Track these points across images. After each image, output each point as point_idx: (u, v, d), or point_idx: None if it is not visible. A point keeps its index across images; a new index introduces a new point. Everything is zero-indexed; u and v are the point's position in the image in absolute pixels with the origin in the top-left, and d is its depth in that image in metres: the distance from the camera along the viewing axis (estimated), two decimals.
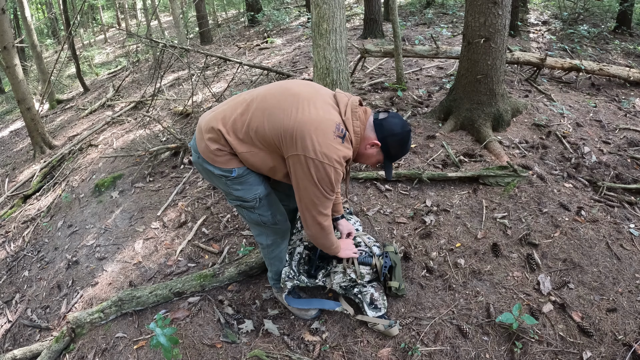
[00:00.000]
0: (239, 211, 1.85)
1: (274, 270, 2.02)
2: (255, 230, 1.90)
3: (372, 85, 4.72)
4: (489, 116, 3.41)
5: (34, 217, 4.12)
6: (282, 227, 1.90)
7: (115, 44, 15.82)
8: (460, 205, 2.64)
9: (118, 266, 2.81)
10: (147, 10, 14.42)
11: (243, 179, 1.66)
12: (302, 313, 2.06)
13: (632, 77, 4.59)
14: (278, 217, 1.85)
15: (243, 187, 1.69)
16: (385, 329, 1.90)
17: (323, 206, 1.57)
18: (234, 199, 1.74)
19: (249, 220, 1.85)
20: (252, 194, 1.71)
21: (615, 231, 2.38)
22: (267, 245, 1.92)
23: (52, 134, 6.50)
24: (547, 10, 8.99)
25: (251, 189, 1.71)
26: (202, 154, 1.63)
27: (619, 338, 1.81)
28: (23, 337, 2.59)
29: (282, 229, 1.91)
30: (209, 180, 1.78)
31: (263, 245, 1.94)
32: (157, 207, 3.32)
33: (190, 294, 2.30)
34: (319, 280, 2.01)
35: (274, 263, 1.99)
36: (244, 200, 1.72)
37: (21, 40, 10.92)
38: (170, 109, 5.62)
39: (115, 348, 2.10)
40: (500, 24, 3.19)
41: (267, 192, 1.77)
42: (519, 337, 1.83)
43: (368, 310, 1.96)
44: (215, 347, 2.00)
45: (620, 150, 3.27)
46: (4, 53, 5.39)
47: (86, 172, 4.58)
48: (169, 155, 4.13)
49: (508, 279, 2.12)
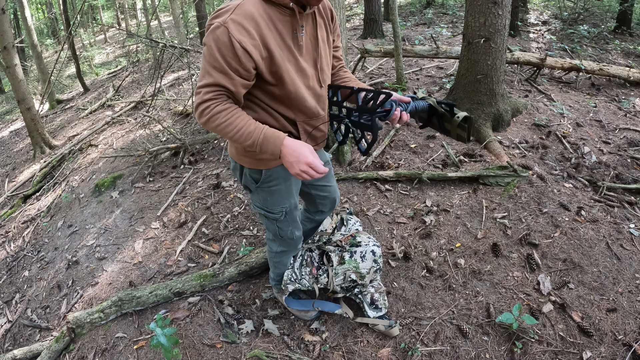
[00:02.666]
0: (260, 218, 1.82)
1: (276, 272, 2.01)
2: (269, 235, 1.88)
3: (372, 85, 4.72)
4: (489, 116, 3.41)
5: (34, 217, 4.12)
6: (296, 242, 1.86)
7: (115, 44, 15.82)
8: (460, 205, 2.64)
9: (118, 266, 2.80)
10: (147, 10, 14.42)
11: (272, 184, 1.56)
12: (301, 314, 2.06)
13: (632, 77, 4.59)
14: (296, 234, 1.81)
15: (272, 196, 1.60)
16: (385, 330, 1.90)
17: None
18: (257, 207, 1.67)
19: (267, 228, 1.81)
20: (280, 206, 1.64)
21: (615, 231, 2.38)
22: (275, 251, 1.91)
23: (52, 134, 6.50)
24: (547, 10, 8.99)
25: (280, 200, 1.62)
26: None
27: (619, 338, 1.81)
28: (23, 337, 2.59)
29: (295, 243, 1.88)
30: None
31: (271, 250, 1.92)
32: (157, 207, 3.32)
33: (190, 294, 2.30)
34: (320, 284, 2.01)
35: (277, 266, 1.98)
36: (269, 211, 1.65)
37: (21, 40, 10.92)
38: (170, 109, 5.62)
39: (115, 348, 2.10)
40: (500, 24, 3.19)
41: (294, 206, 1.69)
42: (519, 337, 1.83)
43: (369, 311, 1.96)
44: (215, 347, 2.00)
45: (620, 150, 3.27)
46: (4, 53, 5.39)
47: (86, 172, 4.58)
48: (169, 155, 4.13)
49: (508, 279, 2.12)
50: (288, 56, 1.30)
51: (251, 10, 1.20)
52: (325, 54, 1.44)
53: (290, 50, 1.31)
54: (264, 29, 1.22)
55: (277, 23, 1.25)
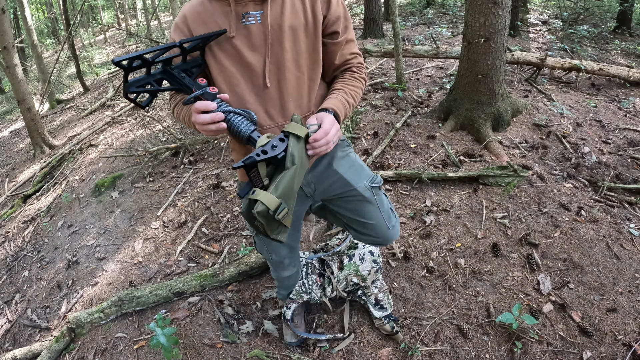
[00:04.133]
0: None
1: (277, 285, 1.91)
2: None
3: (372, 85, 4.72)
4: (489, 116, 3.41)
5: (34, 217, 4.12)
6: (276, 269, 1.69)
7: (115, 44, 15.81)
8: (460, 205, 2.64)
9: (118, 266, 2.80)
10: (147, 10, 14.43)
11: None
12: (288, 335, 1.95)
13: (632, 77, 4.59)
14: (272, 257, 1.63)
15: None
16: (392, 331, 1.89)
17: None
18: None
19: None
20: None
21: (615, 231, 2.38)
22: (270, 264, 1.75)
23: (52, 134, 6.50)
24: (547, 10, 8.99)
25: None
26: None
27: (619, 338, 1.81)
28: (23, 337, 2.59)
29: (276, 272, 1.71)
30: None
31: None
32: (157, 207, 3.32)
33: (190, 294, 2.30)
34: (327, 297, 1.99)
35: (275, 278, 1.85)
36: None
37: (21, 40, 10.91)
38: (170, 109, 5.62)
39: (115, 348, 2.10)
40: (500, 24, 3.19)
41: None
42: (519, 337, 1.83)
43: (374, 311, 1.95)
44: (215, 347, 2.00)
45: (620, 150, 3.26)
46: (4, 53, 5.39)
47: (86, 172, 4.58)
48: (169, 155, 4.13)
49: (508, 279, 2.12)
50: (226, 49, 1.18)
51: (185, 9, 1.21)
52: (294, 47, 1.20)
53: (231, 43, 1.18)
54: (191, 24, 1.19)
55: (218, 17, 1.17)
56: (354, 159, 1.46)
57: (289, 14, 1.17)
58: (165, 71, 1.19)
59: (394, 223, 1.54)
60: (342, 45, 1.28)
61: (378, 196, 1.47)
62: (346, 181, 1.41)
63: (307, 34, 1.21)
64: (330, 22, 1.23)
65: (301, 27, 1.19)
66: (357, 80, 1.32)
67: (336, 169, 1.40)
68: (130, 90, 1.13)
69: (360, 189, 1.42)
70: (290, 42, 1.19)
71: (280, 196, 0.99)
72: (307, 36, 1.21)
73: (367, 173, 1.47)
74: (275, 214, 0.98)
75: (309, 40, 1.22)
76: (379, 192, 1.48)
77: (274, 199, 0.98)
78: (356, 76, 1.33)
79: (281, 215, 1.00)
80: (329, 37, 1.26)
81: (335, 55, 1.29)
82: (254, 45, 1.18)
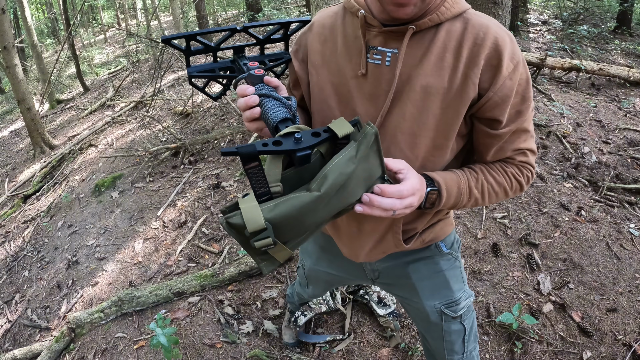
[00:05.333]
0: None
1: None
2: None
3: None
4: None
5: (34, 217, 4.12)
6: (303, 288, 1.56)
7: (115, 44, 15.81)
8: None
9: (118, 266, 2.80)
10: (147, 10, 14.44)
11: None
12: (287, 337, 1.94)
13: (632, 77, 4.59)
14: (296, 288, 1.63)
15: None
16: (396, 329, 1.88)
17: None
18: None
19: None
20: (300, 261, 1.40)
21: (615, 231, 2.38)
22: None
23: (52, 134, 6.50)
24: (547, 10, 8.99)
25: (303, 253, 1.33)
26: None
27: (619, 338, 1.81)
28: (23, 337, 2.59)
29: (301, 287, 1.58)
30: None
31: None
32: (157, 207, 3.32)
33: (190, 294, 2.30)
34: (338, 301, 2.00)
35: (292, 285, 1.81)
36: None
37: (21, 40, 10.92)
38: (170, 109, 5.62)
39: (115, 348, 2.10)
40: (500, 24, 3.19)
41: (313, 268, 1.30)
42: (519, 337, 1.83)
43: (378, 309, 1.94)
44: (215, 347, 2.00)
45: (620, 150, 3.26)
46: (4, 53, 5.39)
47: (86, 172, 4.58)
48: (169, 155, 4.13)
49: (508, 279, 2.12)
50: (333, 78, 0.88)
51: (317, 15, 0.96)
52: (418, 116, 0.81)
53: (342, 73, 0.87)
54: (311, 36, 0.93)
55: (341, 39, 0.88)
56: (442, 268, 1.05)
57: (431, 67, 0.79)
58: (234, 60, 0.99)
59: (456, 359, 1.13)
60: (503, 139, 0.84)
61: (447, 324, 1.07)
62: (415, 291, 1.07)
63: (444, 104, 0.80)
64: (492, 103, 0.79)
65: (439, 92, 0.79)
66: (507, 176, 0.88)
67: (410, 272, 1.05)
68: (190, 74, 0.96)
69: (428, 307, 1.06)
70: (415, 107, 0.81)
71: (273, 222, 0.66)
72: (442, 107, 0.80)
73: (447, 293, 1.06)
74: (252, 237, 0.65)
75: (444, 115, 0.81)
76: (454, 322, 1.07)
77: (259, 219, 0.64)
78: (510, 172, 0.88)
79: (259, 245, 0.65)
80: (484, 124, 0.83)
81: (488, 150, 0.86)
82: (371, 94, 0.84)
